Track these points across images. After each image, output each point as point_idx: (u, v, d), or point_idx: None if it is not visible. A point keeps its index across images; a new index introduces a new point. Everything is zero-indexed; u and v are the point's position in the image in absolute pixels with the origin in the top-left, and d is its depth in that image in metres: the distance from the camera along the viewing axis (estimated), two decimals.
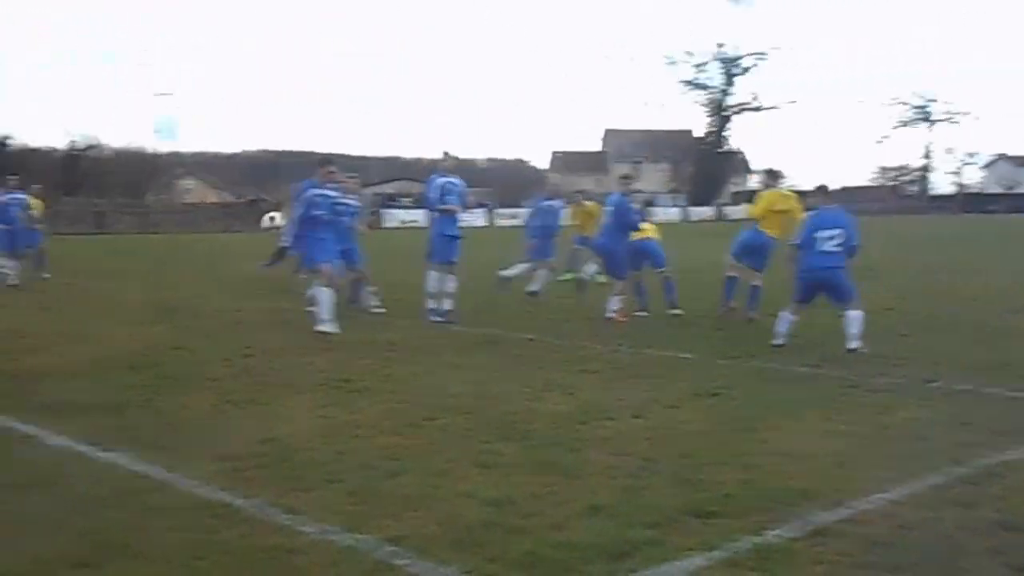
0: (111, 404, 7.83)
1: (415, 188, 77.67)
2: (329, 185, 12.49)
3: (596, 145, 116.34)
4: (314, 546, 4.61)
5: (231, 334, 12.14)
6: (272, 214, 15.55)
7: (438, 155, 14.36)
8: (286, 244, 15.38)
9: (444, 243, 13.23)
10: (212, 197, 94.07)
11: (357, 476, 5.79)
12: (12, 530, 4.82)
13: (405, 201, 69.14)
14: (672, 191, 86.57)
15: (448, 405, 7.83)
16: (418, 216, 25.29)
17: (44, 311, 14.80)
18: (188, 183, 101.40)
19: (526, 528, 4.86)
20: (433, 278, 13.22)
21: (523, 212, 28.05)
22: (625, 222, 13.30)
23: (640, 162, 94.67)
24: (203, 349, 10.89)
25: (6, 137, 70.92)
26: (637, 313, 13.58)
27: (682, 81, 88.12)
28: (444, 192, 13.23)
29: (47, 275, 20.13)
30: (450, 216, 13.26)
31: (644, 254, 13.87)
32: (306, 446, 6.48)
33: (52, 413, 7.48)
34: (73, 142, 76.66)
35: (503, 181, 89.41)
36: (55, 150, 76.80)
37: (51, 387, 8.61)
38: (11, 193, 19.91)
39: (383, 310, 13.97)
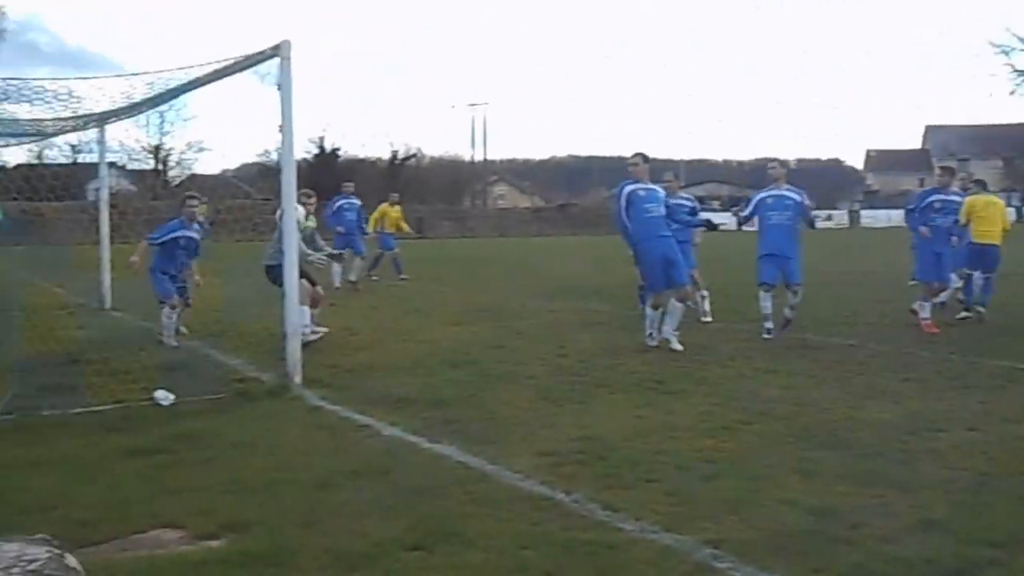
0: (436, 398, 8.23)
1: (723, 191, 76.91)
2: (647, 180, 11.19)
3: (916, 142, 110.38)
4: (634, 543, 4.63)
5: (546, 334, 12.43)
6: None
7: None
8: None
9: (766, 263, 12.00)
10: (524, 202, 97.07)
11: (674, 477, 5.76)
12: (353, 513, 5.13)
13: (714, 204, 68.42)
14: (1006, 189, 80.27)
15: (764, 410, 7.66)
16: (726, 218, 24.66)
17: (372, 311, 15.72)
18: (500, 189, 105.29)
19: (853, 539, 4.66)
20: (763, 298, 11.93)
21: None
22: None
23: (968, 159, 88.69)
24: (520, 348, 11.22)
25: (336, 149, 76.11)
26: (962, 316, 12.79)
27: (1017, 71, 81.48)
28: (760, 207, 12.17)
29: (376, 278, 21.35)
30: (779, 230, 11.94)
31: (982, 257, 13.02)
32: (623, 445, 6.52)
33: (384, 405, 7.94)
34: (395, 152, 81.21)
35: (816, 182, 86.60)
36: (379, 159, 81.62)
37: (382, 381, 9.14)
38: (347, 198, 20.92)
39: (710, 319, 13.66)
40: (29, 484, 5.72)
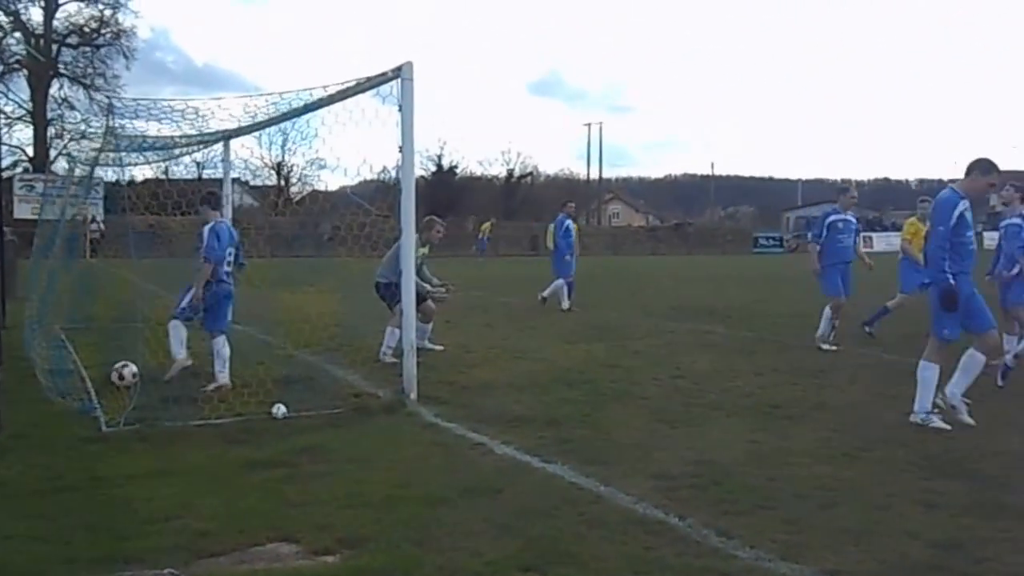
0: (550, 417, 8.23)
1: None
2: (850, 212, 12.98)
3: None
4: (749, 571, 4.56)
5: (661, 354, 12.35)
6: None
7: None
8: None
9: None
10: (638, 221, 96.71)
11: (791, 504, 5.66)
12: (466, 532, 5.16)
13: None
14: None
15: (884, 436, 7.48)
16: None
17: (487, 328, 15.82)
18: (615, 207, 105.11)
19: (979, 575, 4.51)
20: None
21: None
22: None
23: None
24: (635, 368, 11.16)
25: (454, 166, 77.07)
26: None
27: None
28: (1009, 238, 10.60)
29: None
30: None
31: None
32: (738, 470, 6.43)
33: (498, 423, 7.98)
34: (511, 170, 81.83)
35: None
36: (496, 178, 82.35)
37: (496, 399, 9.19)
38: (569, 217, 20.41)
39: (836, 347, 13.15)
40: (153, 494, 5.88)
